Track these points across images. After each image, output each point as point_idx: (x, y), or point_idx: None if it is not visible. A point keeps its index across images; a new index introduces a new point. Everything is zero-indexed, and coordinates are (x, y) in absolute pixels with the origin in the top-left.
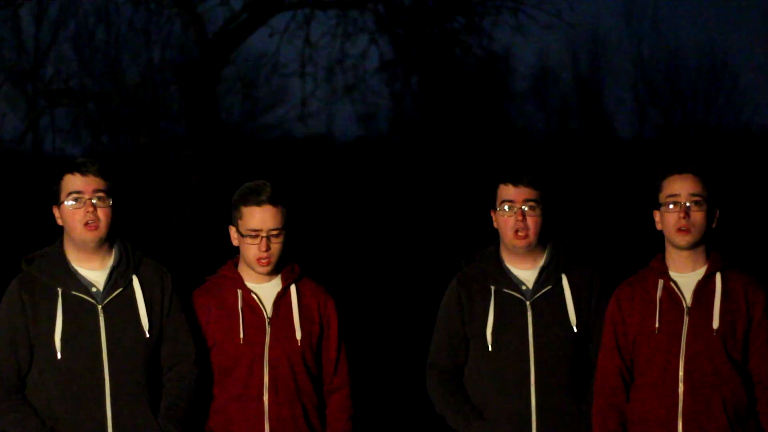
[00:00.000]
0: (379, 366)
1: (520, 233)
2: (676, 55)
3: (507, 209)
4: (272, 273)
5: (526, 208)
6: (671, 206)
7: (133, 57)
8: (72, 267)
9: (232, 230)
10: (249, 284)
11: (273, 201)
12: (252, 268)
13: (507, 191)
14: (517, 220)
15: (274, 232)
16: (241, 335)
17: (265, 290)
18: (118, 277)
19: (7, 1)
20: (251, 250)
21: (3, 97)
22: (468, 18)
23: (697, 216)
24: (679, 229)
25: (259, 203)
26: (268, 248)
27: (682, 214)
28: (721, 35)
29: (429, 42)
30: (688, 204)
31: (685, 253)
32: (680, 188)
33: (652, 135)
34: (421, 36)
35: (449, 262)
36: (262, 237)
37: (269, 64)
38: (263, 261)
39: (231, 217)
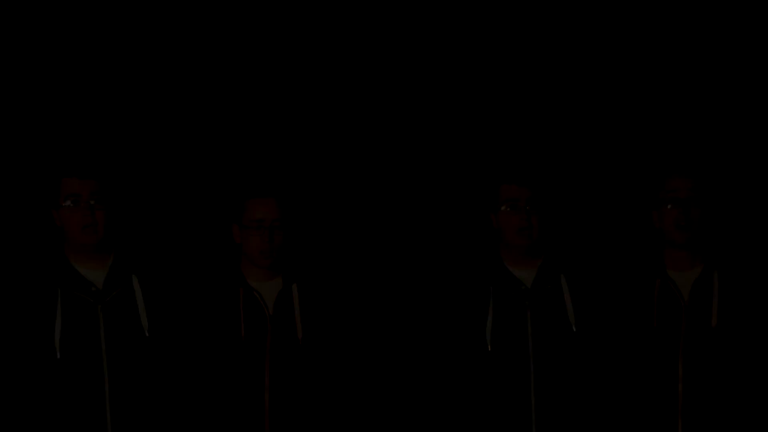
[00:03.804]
0: (380, 366)
1: (524, 232)
2: None
3: (511, 209)
4: (274, 271)
5: (530, 207)
6: (670, 205)
7: None
8: (71, 267)
9: (235, 227)
10: (251, 282)
11: (276, 193)
12: (253, 263)
13: (510, 191)
14: (522, 219)
15: (277, 223)
16: (242, 333)
17: (267, 288)
18: (117, 277)
19: None
20: (254, 242)
21: None
22: None
23: (697, 212)
24: (679, 226)
25: (262, 194)
26: (271, 239)
27: (681, 211)
28: None
29: None
30: (687, 201)
31: (682, 252)
32: (679, 185)
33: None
34: None
35: (448, 263)
36: (265, 228)
37: None
38: (266, 253)
39: (233, 214)
